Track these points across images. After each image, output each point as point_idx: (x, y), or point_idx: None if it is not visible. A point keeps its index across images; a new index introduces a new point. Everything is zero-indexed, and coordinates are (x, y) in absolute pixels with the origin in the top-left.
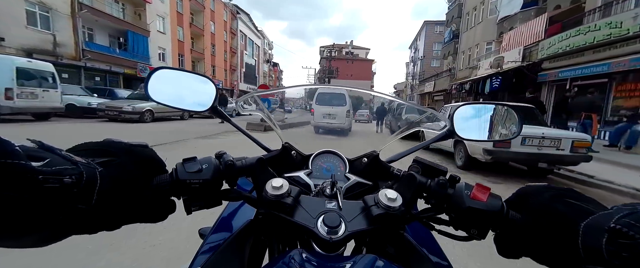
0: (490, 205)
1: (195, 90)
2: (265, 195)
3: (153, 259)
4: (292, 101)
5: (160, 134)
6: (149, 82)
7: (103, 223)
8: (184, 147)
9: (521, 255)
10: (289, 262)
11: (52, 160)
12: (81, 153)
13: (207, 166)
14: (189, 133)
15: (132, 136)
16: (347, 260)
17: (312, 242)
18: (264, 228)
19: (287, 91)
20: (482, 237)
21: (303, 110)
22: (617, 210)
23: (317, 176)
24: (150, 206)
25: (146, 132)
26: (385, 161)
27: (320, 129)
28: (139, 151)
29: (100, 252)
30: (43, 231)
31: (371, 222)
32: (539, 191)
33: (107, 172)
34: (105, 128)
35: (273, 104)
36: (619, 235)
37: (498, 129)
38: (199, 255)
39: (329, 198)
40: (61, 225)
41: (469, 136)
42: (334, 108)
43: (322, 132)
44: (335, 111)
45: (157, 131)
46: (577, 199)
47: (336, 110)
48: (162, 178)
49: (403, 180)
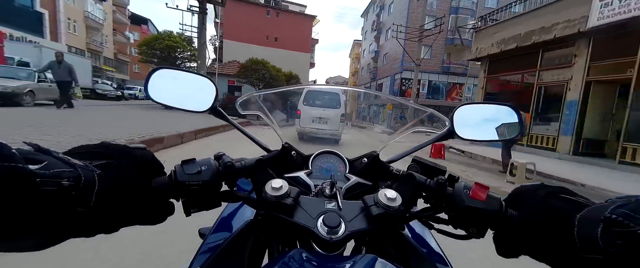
0: (489, 203)
1: (195, 90)
2: (265, 196)
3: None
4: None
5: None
6: (149, 82)
7: (101, 226)
8: None
9: (520, 253)
10: (289, 261)
11: (49, 163)
12: (78, 155)
13: (206, 168)
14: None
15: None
16: (347, 260)
17: (312, 242)
18: (264, 228)
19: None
20: (481, 235)
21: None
22: (611, 202)
23: (317, 177)
24: (149, 209)
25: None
26: (385, 162)
27: (304, 136)
28: (136, 153)
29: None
30: (41, 235)
31: (371, 222)
32: (535, 189)
33: (105, 174)
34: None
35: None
36: (613, 224)
37: (499, 128)
38: (199, 255)
39: (329, 198)
40: (59, 228)
41: (470, 136)
42: (326, 110)
43: (307, 139)
44: (328, 115)
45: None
46: (571, 195)
47: (328, 113)
48: (161, 180)
49: (402, 180)
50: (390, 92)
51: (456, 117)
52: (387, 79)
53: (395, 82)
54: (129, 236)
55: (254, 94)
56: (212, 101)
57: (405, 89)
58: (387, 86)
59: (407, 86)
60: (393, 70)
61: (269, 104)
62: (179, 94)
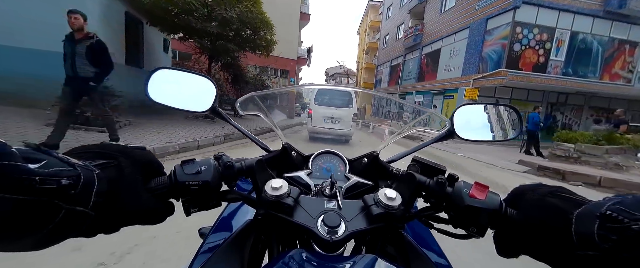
0: (489, 203)
1: (195, 90)
2: (265, 196)
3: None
4: None
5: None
6: (149, 83)
7: (101, 226)
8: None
9: (520, 253)
10: (289, 261)
11: (48, 162)
12: (77, 155)
13: (206, 168)
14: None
15: None
16: (347, 259)
17: (312, 241)
18: (264, 228)
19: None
20: (481, 234)
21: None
22: (608, 199)
23: (317, 177)
24: (149, 209)
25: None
26: (385, 162)
27: (316, 136)
28: (136, 153)
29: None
30: (40, 234)
31: (371, 221)
32: (534, 188)
33: (105, 174)
34: None
35: None
36: (609, 220)
37: (499, 129)
38: (199, 255)
39: (329, 198)
40: (58, 227)
41: (470, 137)
42: (338, 109)
43: (319, 139)
44: (340, 114)
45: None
46: (569, 194)
47: (340, 113)
48: (161, 180)
49: (402, 180)
50: (472, 64)
51: (456, 117)
52: (452, 37)
53: (487, 41)
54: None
55: (254, 94)
56: (212, 101)
57: (520, 50)
58: (457, 50)
59: (523, 45)
60: (471, 15)
61: (268, 103)
62: (178, 94)
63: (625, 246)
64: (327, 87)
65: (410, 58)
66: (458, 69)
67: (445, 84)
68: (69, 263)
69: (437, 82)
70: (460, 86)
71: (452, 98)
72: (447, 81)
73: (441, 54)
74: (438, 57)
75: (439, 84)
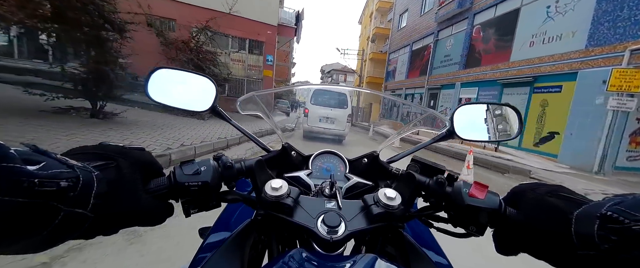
0: (488, 202)
1: (195, 90)
2: (265, 196)
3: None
4: None
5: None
6: (149, 82)
7: (100, 228)
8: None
9: (519, 251)
10: (289, 261)
11: (47, 164)
12: (76, 157)
13: (205, 169)
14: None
15: None
16: (347, 259)
17: (312, 241)
18: (264, 228)
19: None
20: (480, 233)
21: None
22: (608, 200)
23: (317, 177)
24: (148, 210)
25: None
26: (385, 162)
27: (312, 135)
28: (135, 154)
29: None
30: (39, 236)
31: (371, 221)
32: (533, 187)
33: (104, 176)
34: None
35: None
36: (609, 220)
37: (499, 129)
38: (199, 254)
39: (329, 198)
40: (57, 229)
41: (470, 137)
42: (333, 110)
43: (314, 138)
44: (335, 115)
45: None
46: (569, 193)
47: (336, 113)
48: (160, 181)
49: (402, 179)
50: (619, 22)
51: (456, 117)
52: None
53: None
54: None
55: (254, 94)
56: (212, 101)
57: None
58: (569, 4)
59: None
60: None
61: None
62: (178, 94)
63: (626, 247)
64: (323, 88)
65: (447, 35)
66: (572, 37)
67: (536, 67)
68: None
69: (511, 66)
70: (584, 66)
71: (558, 91)
72: (543, 60)
73: (522, 16)
74: (514, 24)
75: (517, 67)
